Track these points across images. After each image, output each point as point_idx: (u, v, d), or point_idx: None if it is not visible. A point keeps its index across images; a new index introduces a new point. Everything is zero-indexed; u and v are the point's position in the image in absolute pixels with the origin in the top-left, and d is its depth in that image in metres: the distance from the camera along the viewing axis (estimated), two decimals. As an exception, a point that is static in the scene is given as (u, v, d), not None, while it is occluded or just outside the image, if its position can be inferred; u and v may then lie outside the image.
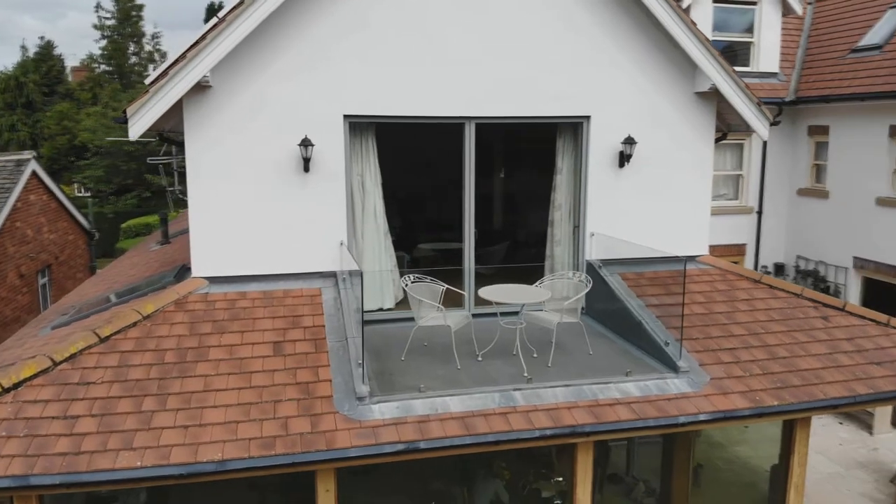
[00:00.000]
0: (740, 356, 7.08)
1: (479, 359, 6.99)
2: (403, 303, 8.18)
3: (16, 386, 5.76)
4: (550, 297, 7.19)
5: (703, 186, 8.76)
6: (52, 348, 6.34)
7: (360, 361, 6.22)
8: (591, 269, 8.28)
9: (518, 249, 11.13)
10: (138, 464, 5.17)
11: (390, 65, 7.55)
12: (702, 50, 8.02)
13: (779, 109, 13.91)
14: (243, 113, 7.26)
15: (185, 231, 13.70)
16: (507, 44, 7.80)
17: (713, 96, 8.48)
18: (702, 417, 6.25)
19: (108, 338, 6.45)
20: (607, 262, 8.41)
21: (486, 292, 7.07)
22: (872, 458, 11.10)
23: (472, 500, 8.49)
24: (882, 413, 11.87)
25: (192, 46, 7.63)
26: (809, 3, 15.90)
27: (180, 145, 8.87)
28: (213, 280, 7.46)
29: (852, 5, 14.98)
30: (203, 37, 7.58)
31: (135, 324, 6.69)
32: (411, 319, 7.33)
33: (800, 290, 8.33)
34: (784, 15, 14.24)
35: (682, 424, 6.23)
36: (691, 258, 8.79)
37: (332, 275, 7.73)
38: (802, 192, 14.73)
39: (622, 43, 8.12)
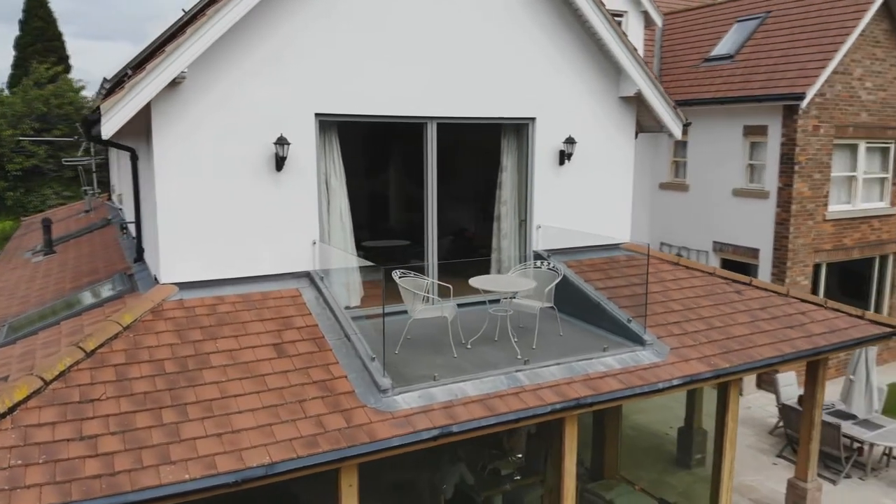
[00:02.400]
0: (686, 328, 8.04)
1: (469, 346, 7.33)
2: (366, 299, 8.30)
3: (11, 410, 5.22)
4: (527, 287, 7.69)
5: (626, 182, 9.74)
6: (37, 367, 5.76)
7: (374, 356, 6.33)
8: (540, 258, 8.91)
9: (460, 243, 11.55)
10: (186, 476, 4.94)
11: (360, 64, 7.65)
12: (630, 58, 8.94)
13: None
14: (214, 110, 7.01)
15: (72, 236, 12.60)
16: (467, 49, 8.20)
17: (634, 101, 9.46)
18: (675, 382, 7.08)
19: (93, 352, 6.00)
20: (553, 253, 9.08)
21: (477, 282, 7.43)
22: (748, 416, 12.83)
23: (439, 483, 8.78)
24: (749, 377, 13.73)
25: (163, 42, 7.21)
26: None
27: (114, 146, 8.27)
28: (184, 286, 7.12)
29: (700, 19, 17.06)
30: (181, 30, 7.19)
31: (117, 335, 6.26)
32: (388, 314, 7.49)
33: (712, 269, 9.55)
34: (646, 27, 15.89)
35: (661, 390, 7.02)
36: (617, 246, 9.74)
37: (306, 275, 7.68)
38: (664, 186, 16.52)
39: (563, 51, 8.83)
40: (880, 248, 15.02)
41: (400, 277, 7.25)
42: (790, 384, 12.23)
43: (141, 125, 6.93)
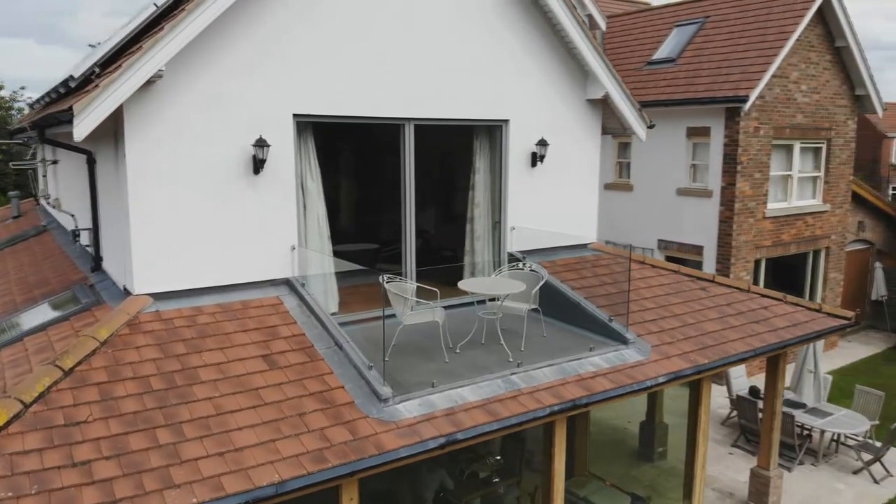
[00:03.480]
0: (662, 326, 8.22)
1: (458, 351, 7.24)
2: (344, 305, 8.10)
3: (-10, 438, 4.79)
4: (517, 289, 7.65)
5: (593, 183, 9.87)
6: (11, 388, 5.30)
7: (370, 364, 6.17)
8: (515, 260, 8.92)
9: (422, 245, 11.38)
10: (194, 500, 4.65)
11: (339, 65, 7.45)
12: (599, 61, 9.06)
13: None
14: (191, 110, 6.67)
15: (6, 244, 11.74)
16: (444, 51, 8.12)
17: (600, 103, 9.61)
18: (661, 380, 7.21)
19: (72, 370, 5.59)
20: (526, 254, 9.11)
21: (466, 285, 7.35)
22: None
23: (419, 491, 8.66)
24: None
25: (133, 38, 6.78)
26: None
27: (70, 148, 7.75)
28: (159, 296, 6.74)
29: (641, 23, 17.53)
30: (153, 25, 6.78)
31: (94, 351, 5.86)
32: (366, 321, 7.37)
33: (676, 267, 9.80)
34: (591, 29, 16.19)
35: (649, 387, 7.14)
36: (585, 245, 9.88)
37: (285, 282, 7.41)
38: (609, 186, 16.89)
39: (533, 54, 8.87)
40: (814, 244, 15.84)
41: (387, 282, 7.08)
42: (740, 376, 12.74)
43: (104, 126, 6.49)
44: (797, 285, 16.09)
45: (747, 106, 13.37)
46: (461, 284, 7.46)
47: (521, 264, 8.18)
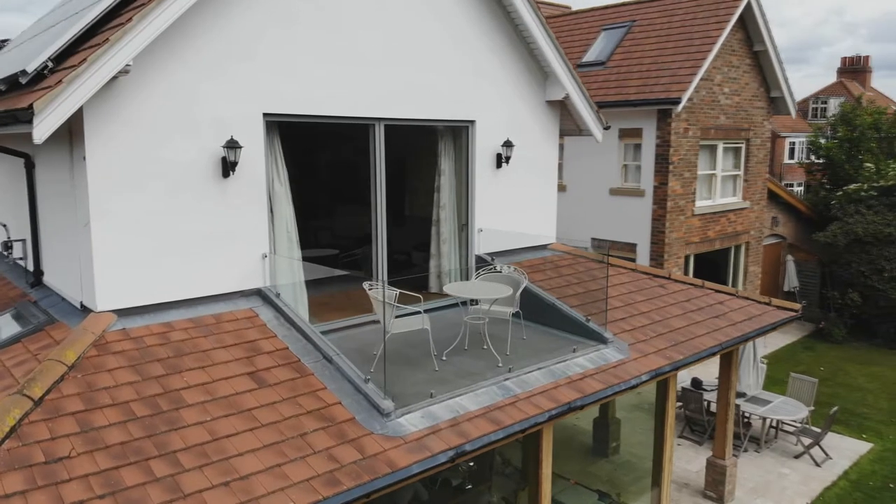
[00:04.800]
0: (633, 324, 8.32)
1: (444, 358, 7.03)
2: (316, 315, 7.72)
3: (-40, 483, 4.18)
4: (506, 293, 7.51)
5: (552, 184, 9.90)
6: (-25, 426, 4.65)
7: (367, 377, 5.87)
8: (483, 262, 8.81)
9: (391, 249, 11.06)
10: (208, 537, 4.24)
11: (307, 63, 7.07)
12: (560, 62, 9.09)
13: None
14: (154, 110, 6.13)
15: None
16: (411, 49, 7.88)
17: (558, 105, 9.65)
18: (644, 378, 7.27)
19: (41, 399, 4.99)
20: (492, 255, 9.01)
21: (452, 289, 7.14)
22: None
23: (392, 500, 8.38)
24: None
25: (88, 30, 6.13)
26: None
27: (5, 151, 6.98)
28: (123, 312, 6.16)
29: (568, 26, 17.84)
30: (111, 16, 6.15)
31: (62, 377, 5.26)
32: (339, 330, 7.08)
33: (634, 266, 9.99)
34: (523, 32, 16.32)
35: (634, 386, 7.18)
36: (545, 246, 9.90)
37: (256, 292, 6.97)
38: (542, 186, 17.08)
39: (498, 55, 8.78)
40: (735, 239, 16.64)
41: (371, 290, 6.79)
42: (681, 368, 13.16)
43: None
44: (720, 279, 16.85)
45: (680, 107, 13.86)
46: (447, 288, 7.26)
47: (499, 266, 8.06)
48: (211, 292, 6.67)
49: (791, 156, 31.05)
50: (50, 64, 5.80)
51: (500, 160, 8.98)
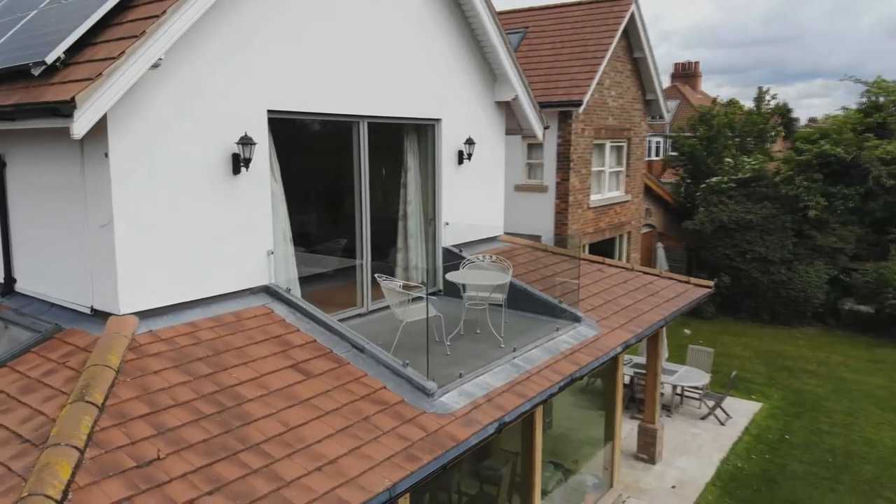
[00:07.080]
0: (593, 303, 9.14)
1: (448, 342, 7.40)
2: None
3: (65, 495, 4.01)
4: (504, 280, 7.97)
5: (501, 180, 10.53)
6: (54, 434, 4.40)
7: (406, 362, 6.14)
8: (452, 254, 9.24)
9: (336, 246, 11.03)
10: (328, 517, 4.38)
11: (307, 59, 7.15)
12: (511, 65, 9.73)
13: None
14: (173, 105, 6.00)
15: None
16: (390, 52, 8.16)
17: (505, 105, 10.29)
18: (619, 349, 8.09)
19: (103, 405, 4.81)
20: (458, 248, 9.48)
21: (455, 276, 7.52)
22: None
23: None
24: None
25: (100, 22, 5.82)
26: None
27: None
28: (144, 315, 5.97)
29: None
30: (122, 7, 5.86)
31: (114, 382, 5.07)
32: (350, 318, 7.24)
33: (574, 253, 10.86)
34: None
35: (613, 357, 7.97)
36: (496, 238, 10.53)
37: (264, 289, 6.96)
38: (445, 184, 17.72)
39: (457, 55, 9.26)
40: (620, 229, 18.24)
41: (383, 280, 7.02)
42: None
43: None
44: (610, 266, 18.38)
45: (581, 109, 15.04)
46: (449, 276, 7.62)
47: (482, 256, 8.53)
48: (224, 290, 6.59)
49: (657, 153, 34.04)
50: (62, 56, 5.50)
51: (462, 157, 9.45)
